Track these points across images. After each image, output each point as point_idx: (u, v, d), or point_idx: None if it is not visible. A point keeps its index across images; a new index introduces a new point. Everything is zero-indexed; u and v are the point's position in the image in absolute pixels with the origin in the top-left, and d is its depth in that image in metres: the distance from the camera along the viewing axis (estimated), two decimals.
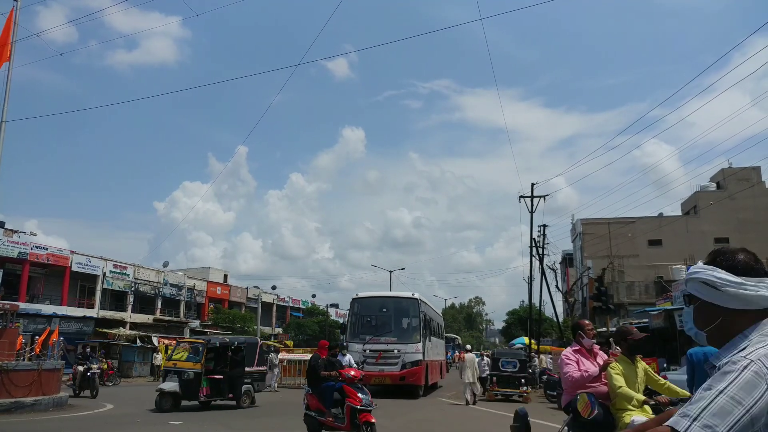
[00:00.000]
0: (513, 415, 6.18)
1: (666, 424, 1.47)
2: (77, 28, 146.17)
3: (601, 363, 5.47)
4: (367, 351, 19.45)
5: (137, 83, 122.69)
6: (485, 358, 22.71)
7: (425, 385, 21.22)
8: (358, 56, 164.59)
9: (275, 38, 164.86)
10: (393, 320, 21.16)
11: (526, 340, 34.11)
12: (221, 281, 60.60)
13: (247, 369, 16.66)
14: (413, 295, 21.01)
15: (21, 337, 25.13)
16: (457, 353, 40.40)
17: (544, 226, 33.32)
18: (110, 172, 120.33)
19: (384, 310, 21.34)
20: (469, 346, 23.54)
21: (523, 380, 20.80)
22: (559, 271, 46.03)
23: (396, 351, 19.53)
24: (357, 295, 21.54)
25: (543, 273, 31.61)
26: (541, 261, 31.79)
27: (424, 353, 19.96)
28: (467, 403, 18.11)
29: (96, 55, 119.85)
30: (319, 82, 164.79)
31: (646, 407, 5.08)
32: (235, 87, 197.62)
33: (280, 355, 27.42)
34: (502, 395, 20.44)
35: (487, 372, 21.18)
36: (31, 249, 37.85)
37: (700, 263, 1.84)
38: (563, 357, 5.67)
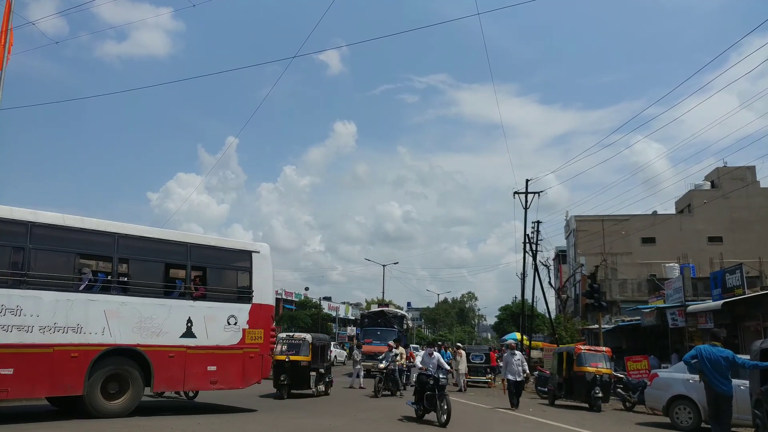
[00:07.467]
0: None
1: None
2: (68, 20, 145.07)
3: None
4: None
5: (130, 74, 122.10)
6: (393, 350, 19.04)
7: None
8: (353, 50, 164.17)
9: (267, 30, 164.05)
10: None
11: (518, 335, 34.19)
12: None
13: None
14: None
15: None
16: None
17: (538, 222, 33.38)
18: (103, 162, 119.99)
19: None
20: (459, 344, 27.18)
21: (488, 370, 24.71)
22: (552, 267, 46.20)
23: None
24: None
25: (536, 269, 31.66)
26: (534, 257, 31.81)
27: None
28: (460, 390, 20.42)
29: (89, 46, 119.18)
30: (313, 75, 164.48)
31: None
32: (226, 79, 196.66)
33: None
34: (472, 382, 23.32)
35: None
36: None
37: None
38: None
